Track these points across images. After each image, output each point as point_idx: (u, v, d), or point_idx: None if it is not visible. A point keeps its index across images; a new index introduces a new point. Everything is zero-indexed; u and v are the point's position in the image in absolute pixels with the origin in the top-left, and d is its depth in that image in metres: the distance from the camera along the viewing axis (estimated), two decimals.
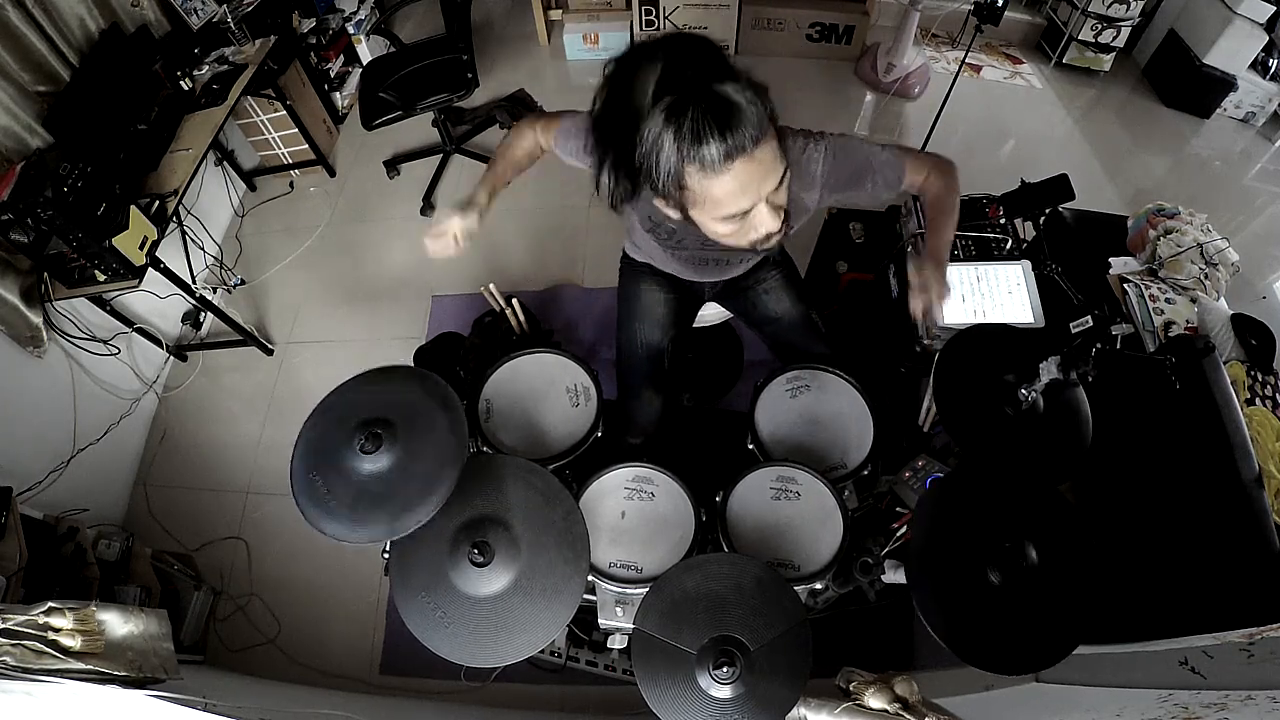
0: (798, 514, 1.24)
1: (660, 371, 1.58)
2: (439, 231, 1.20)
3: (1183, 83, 3.22)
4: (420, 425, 1.02)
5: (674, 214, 1.01)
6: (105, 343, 2.20)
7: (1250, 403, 1.68)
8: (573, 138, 1.19)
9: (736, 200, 0.92)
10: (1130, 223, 2.17)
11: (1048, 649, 0.96)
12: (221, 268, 2.69)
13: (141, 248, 1.94)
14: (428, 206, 2.91)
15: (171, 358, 2.53)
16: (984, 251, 1.85)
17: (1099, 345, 1.65)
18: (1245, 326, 1.79)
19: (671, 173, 0.90)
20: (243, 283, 2.71)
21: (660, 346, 1.56)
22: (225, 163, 2.85)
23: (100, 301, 2.17)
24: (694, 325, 1.71)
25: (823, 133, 1.16)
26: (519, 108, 3.16)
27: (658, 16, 3.36)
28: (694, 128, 0.85)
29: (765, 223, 0.97)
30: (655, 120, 0.87)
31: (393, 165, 3.06)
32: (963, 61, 2.52)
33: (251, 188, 3.04)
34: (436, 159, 3.00)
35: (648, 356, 1.56)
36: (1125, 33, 3.22)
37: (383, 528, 0.98)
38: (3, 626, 0.92)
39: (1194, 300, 1.87)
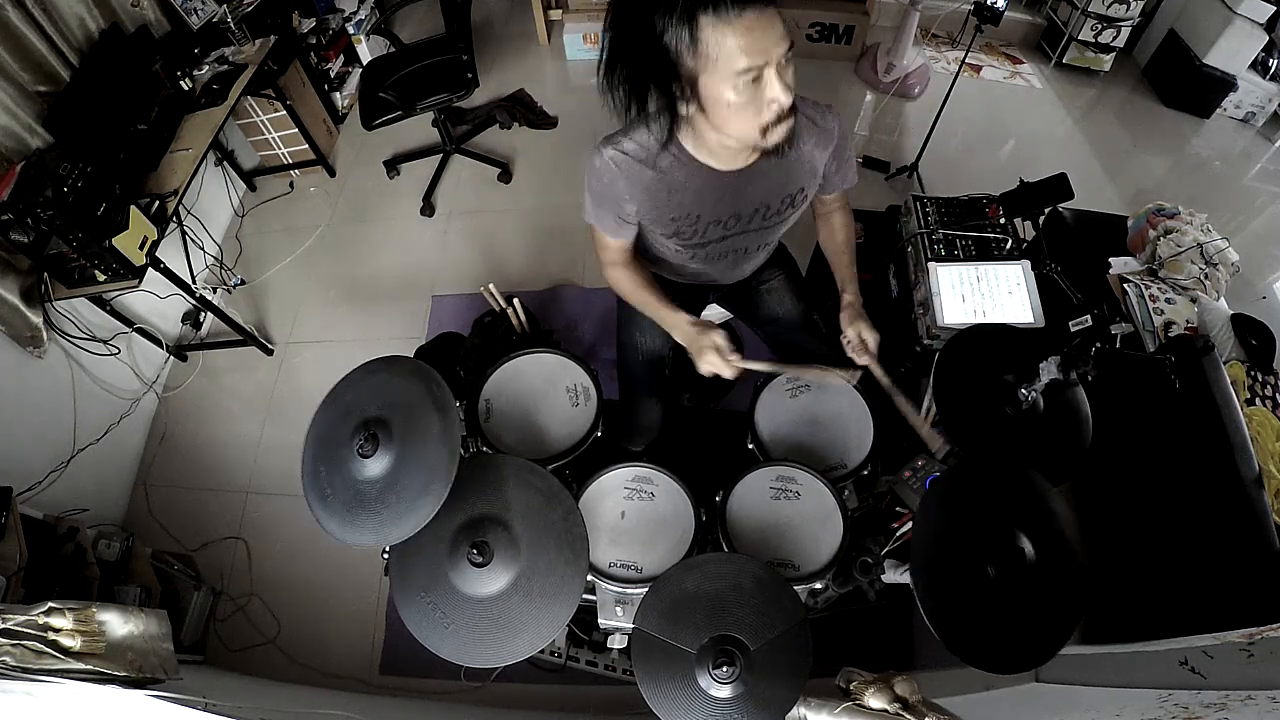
0: (798, 514, 1.24)
1: (661, 379, 1.58)
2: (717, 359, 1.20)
3: (1183, 83, 3.22)
4: (415, 431, 1.02)
5: (685, 106, 1.02)
6: (105, 343, 2.20)
7: (1250, 403, 1.68)
8: (607, 225, 1.25)
9: (750, 54, 0.92)
10: (1130, 223, 2.17)
11: (1045, 644, 0.96)
12: (221, 268, 2.69)
13: (141, 248, 1.94)
14: (427, 206, 2.91)
15: (171, 358, 2.53)
16: (984, 251, 1.85)
17: (1099, 345, 1.66)
18: (1245, 326, 1.79)
19: (685, 30, 0.92)
20: (243, 283, 2.71)
21: (661, 354, 1.55)
22: (225, 163, 2.85)
23: (100, 301, 2.17)
24: None
25: (825, 105, 1.22)
26: (519, 108, 3.16)
27: None
28: None
29: (777, 93, 0.96)
30: None
31: (393, 165, 3.06)
32: (963, 61, 2.52)
33: (251, 188, 3.04)
34: (436, 159, 3.00)
35: (649, 364, 1.55)
36: (1125, 33, 3.22)
37: (371, 534, 0.98)
38: (3, 626, 0.92)
39: (1194, 300, 1.87)
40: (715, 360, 1.17)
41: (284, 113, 2.74)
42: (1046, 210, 2.05)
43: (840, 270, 1.40)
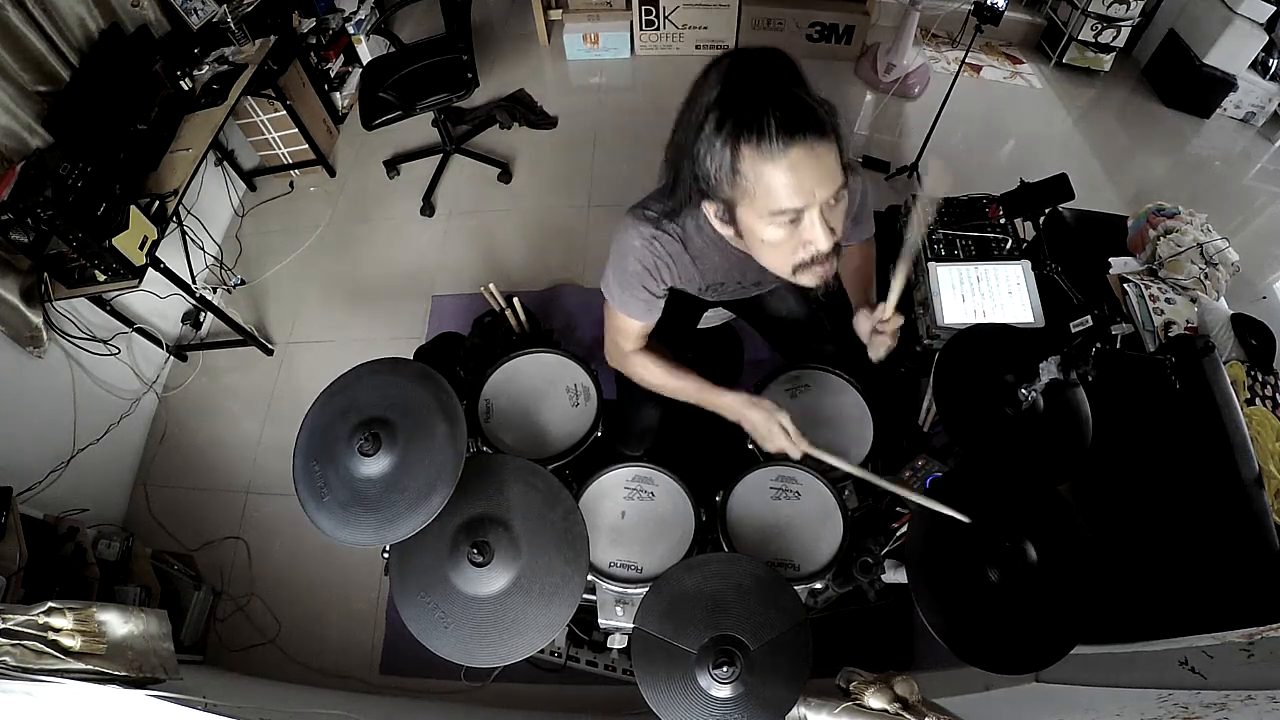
0: (798, 514, 1.24)
1: None
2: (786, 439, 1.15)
3: (1183, 83, 3.22)
4: (420, 433, 1.02)
5: (721, 224, 0.97)
6: (105, 343, 2.20)
7: (1250, 403, 1.68)
8: (641, 309, 1.17)
9: (790, 194, 0.86)
10: (1130, 223, 2.17)
11: (1047, 648, 0.96)
12: (221, 268, 2.69)
13: (141, 248, 1.94)
14: (427, 206, 2.91)
15: (171, 358, 2.53)
16: (984, 251, 1.85)
17: (1099, 345, 1.66)
18: (1245, 326, 1.79)
19: (727, 155, 0.86)
20: (243, 283, 2.71)
21: None
22: (225, 163, 2.85)
23: (100, 301, 2.17)
24: (696, 326, 1.70)
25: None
26: (519, 108, 3.16)
27: (658, 16, 3.36)
28: (755, 110, 0.83)
29: (817, 236, 0.90)
30: (716, 108, 0.86)
31: (393, 165, 3.06)
32: (963, 61, 2.52)
33: (251, 188, 3.04)
34: (436, 159, 3.00)
35: None
36: (1125, 33, 3.22)
37: (370, 533, 0.98)
38: (3, 626, 0.92)
39: (1194, 300, 1.87)
40: (783, 442, 1.12)
41: (284, 113, 2.74)
42: (1047, 210, 2.05)
43: (856, 295, 1.35)
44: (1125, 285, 1.93)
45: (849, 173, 0.96)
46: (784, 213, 0.88)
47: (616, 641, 1.32)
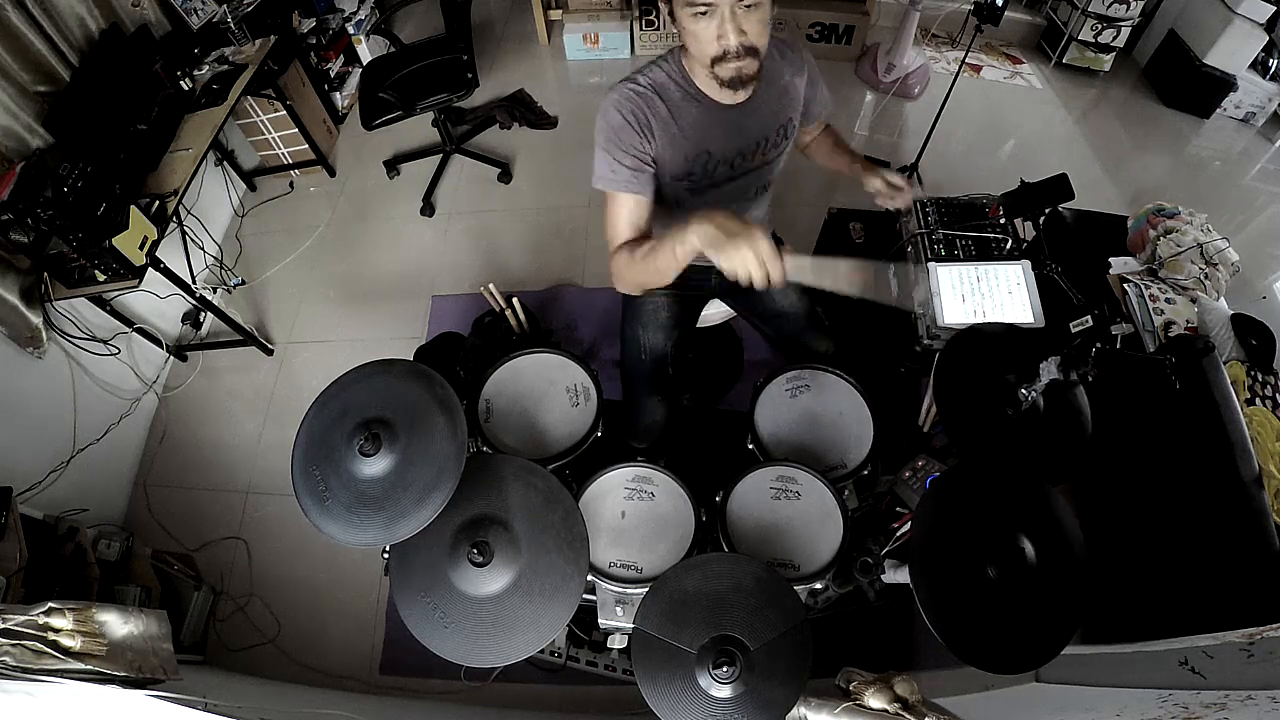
0: (798, 514, 1.24)
1: (664, 377, 1.58)
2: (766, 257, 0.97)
3: (1183, 83, 3.22)
4: (420, 429, 1.02)
5: (663, 15, 1.12)
6: (105, 343, 2.20)
7: (1250, 403, 1.68)
8: (626, 177, 1.16)
9: None
10: (1130, 223, 2.17)
11: (1046, 645, 0.96)
12: (221, 268, 2.69)
13: (141, 248, 1.94)
14: (427, 206, 2.91)
15: (171, 358, 2.53)
16: (984, 251, 1.85)
17: (1099, 345, 1.66)
18: (1245, 326, 1.79)
19: None
20: (243, 283, 2.71)
21: (664, 352, 1.55)
22: (225, 163, 2.85)
23: (100, 301, 2.17)
24: (696, 325, 1.71)
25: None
26: (519, 108, 3.16)
27: (658, 16, 3.36)
28: None
29: (726, 33, 1.03)
30: None
31: (393, 165, 3.06)
32: (963, 61, 2.52)
33: (251, 188, 3.04)
34: (436, 159, 3.00)
35: (652, 362, 1.56)
36: (1125, 33, 3.22)
37: (376, 533, 0.97)
38: (3, 626, 0.92)
39: (1194, 300, 1.87)
40: (752, 258, 0.92)
41: (284, 113, 2.74)
42: (1047, 210, 2.05)
43: (841, 163, 1.52)
44: (1125, 285, 1.93)
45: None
46: (695, 4, 1.01)
47: (616, 641, 1.32)
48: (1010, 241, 1.86)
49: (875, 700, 0.95)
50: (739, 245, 0.93)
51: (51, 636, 0.94)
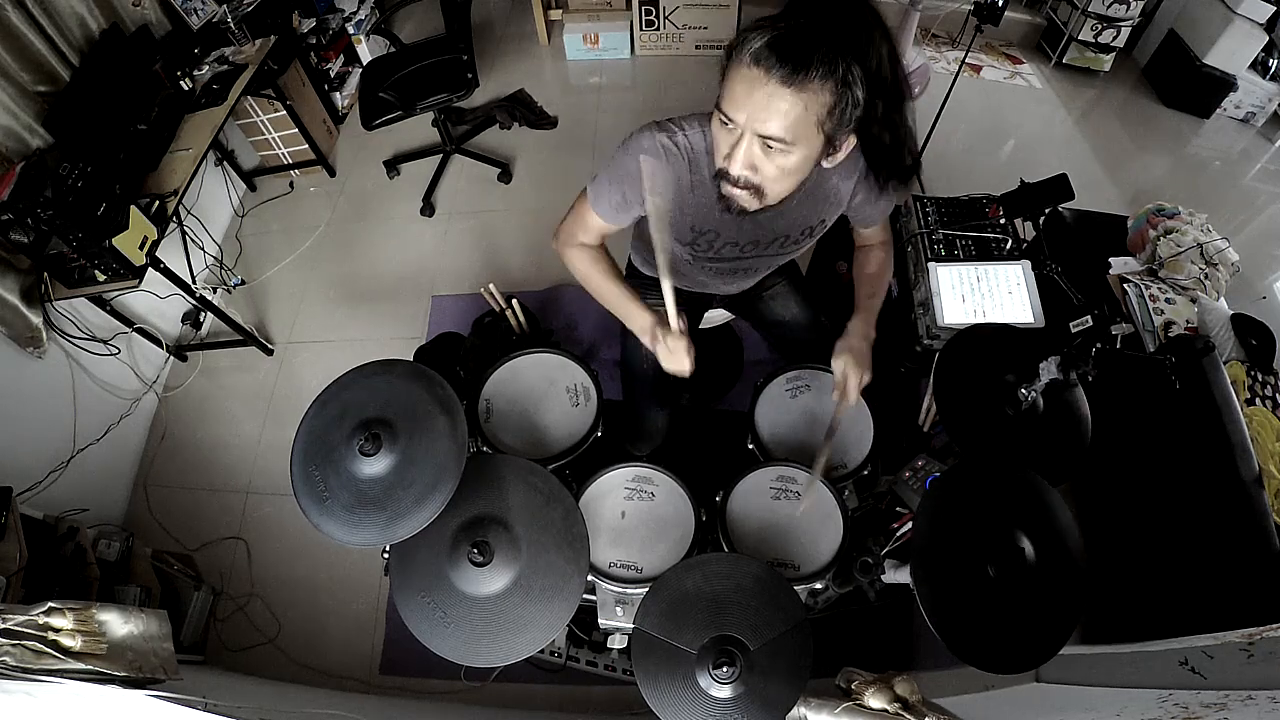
0: (798, 514, 1.24)
1: (666, 385, 1.57)
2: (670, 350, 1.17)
3: (1183, 83, 3.22)
4: (420, 429, 1.02)
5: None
6: (105, 343, 2.20)
7: (1250, 403, 1.68)
8: (609, 201, 1.17)
9: (730, 100, 0.93)
10: (1130, 223, 2.17)
11: (1045, 645, 0.96)
12: (221, 268, 2.69)
13: (141, 248, 1.94)
14: (427, 207, 2.91)
15: (171, 358, 2.53)
16: (984, 251, 1.85)
17: (1099, 345, 1.66)
18: (1245, 326, 1.79)
19: (732, 46, 0.93)
20: (243, 283, 2.71)
21: None
22: (225, 163, 2.85)
23: (100, 301, 2.17)
24: (699, 328, 1.71)
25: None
26: (519, 108, 3.16)
27: (658, 16, 3.36)
28: (770, 22, 0.89)
29: (735, 158, 0.97)
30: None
31: (393, 165, 3.06)
32: (963, 61, 2.52)
33: (251, 188, 3.04)
34: (436, 159, 3.00)
35: (654, 370, 1.55)
36: (1125, 33, 3.22)
37: (376, 533, 0.97)
38: (3, 626, 0.92)
39: (1194, 300, 1.87)
40: (674, 363, 1.16)
41: (284, 113, 2.74)
42: (1047, 210, 2.05)
43: (858, 300, 1.35)
44: (1125, 285, 1.93)
45: (831, 149, 0.99)
46: (724, 114, 0.95)
47: (616, 641, 1.32)
48: (1010, 241, 1.86)
49: (875, 700, 0.95)
50: (663, 355, 1.17)
51: (51, 636, 0.94)
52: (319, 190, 3.07)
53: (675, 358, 1.16)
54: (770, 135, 0.93)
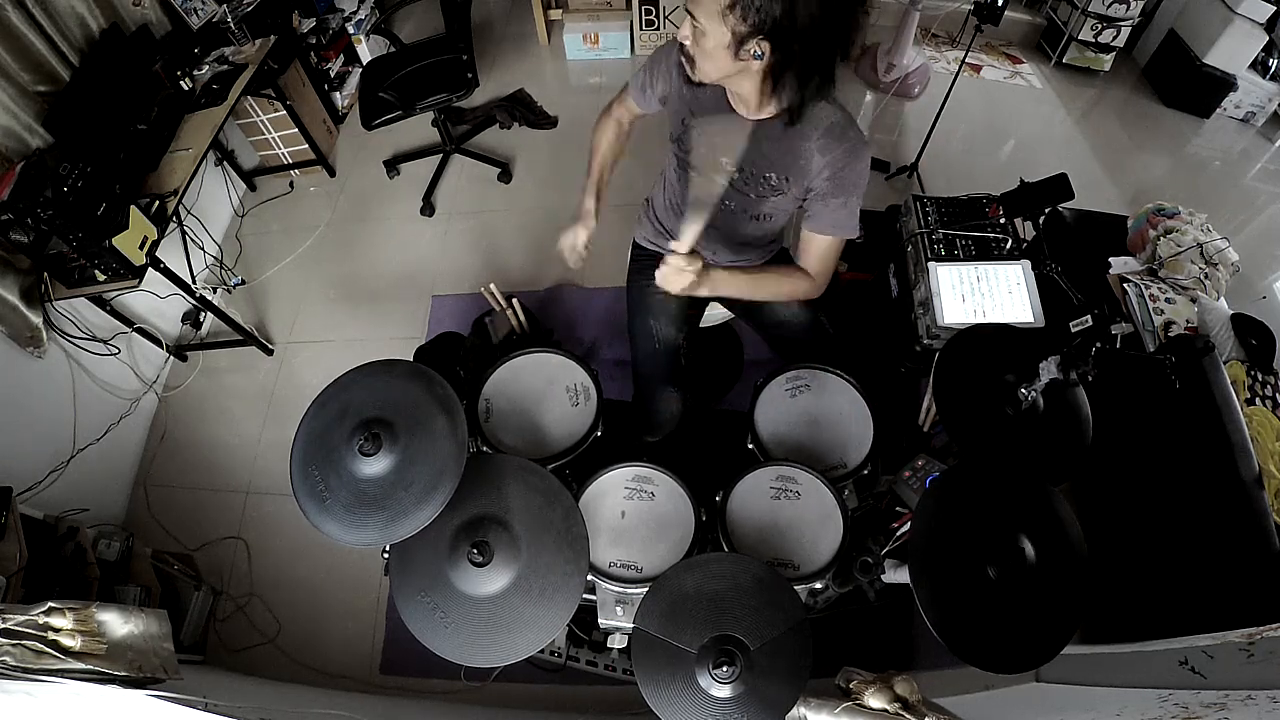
0: (798, 514, 1.24)
1: (679, 367, 1.57)
2: (569, 248, 1.40)
3: (1183, 83, 3.22)
4: (420, 429, 1.02)
5: None
6: (105, 343, 2.20)
7: (1250, 403, 1.68)
8: (637, 83, 1.37)
9: None
10: (1130, 223, 2.17)
11: (1046, 645, 0.96)
12: (221, 268, 2.69)
13: (141, 248, 1.94)
14: (427, 206, 2.91)
15: (171, 358, 2.53)
16: (984, 251, 1.85)
17: (1099, 345, 1.66)
18: (1245, 326, 1.79)
19: None
20: (243, 283, 2.71)
21: (676, 342, 1.55)
22: (225, 163, 2.85)
23: (100, 301, 2.17)
24: (700, 323, 1.71)
25: (864, 137, 1.22)
26: (519, 108, 3.16)
27: (658, 16, 3.36)
28: None
29: (684, 29, 1.10)
30: None
31: (393, 165, 3.06)
32: (963, 61, 2.52)
33: (251, 188, 3.04)
34: (436, 159, 3.00)
35: (665, 352, 1.55)
36: (1125, 33, 3.22)
37: (377, 533, 0.97)
38: (3, 626, 0.92)
39: (1194, 300, 1.87)
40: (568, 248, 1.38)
41: (284, 113, 2.74)
42: (1046, 210, 2.05)
43: (751, 268, 1.45)
44: (1125, 285, 1.93)
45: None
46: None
47: (616, 641, 1.32)
48: (1010, 241, 1.86)
49: (875, 700, 0.95)
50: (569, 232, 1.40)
51: (51, 636, 0.94)
52: (319, 190, 3.07)
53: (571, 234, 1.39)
54: (692, 14, 1.07)
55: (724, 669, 0.93)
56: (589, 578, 1.16)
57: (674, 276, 1.18)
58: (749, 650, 0.96)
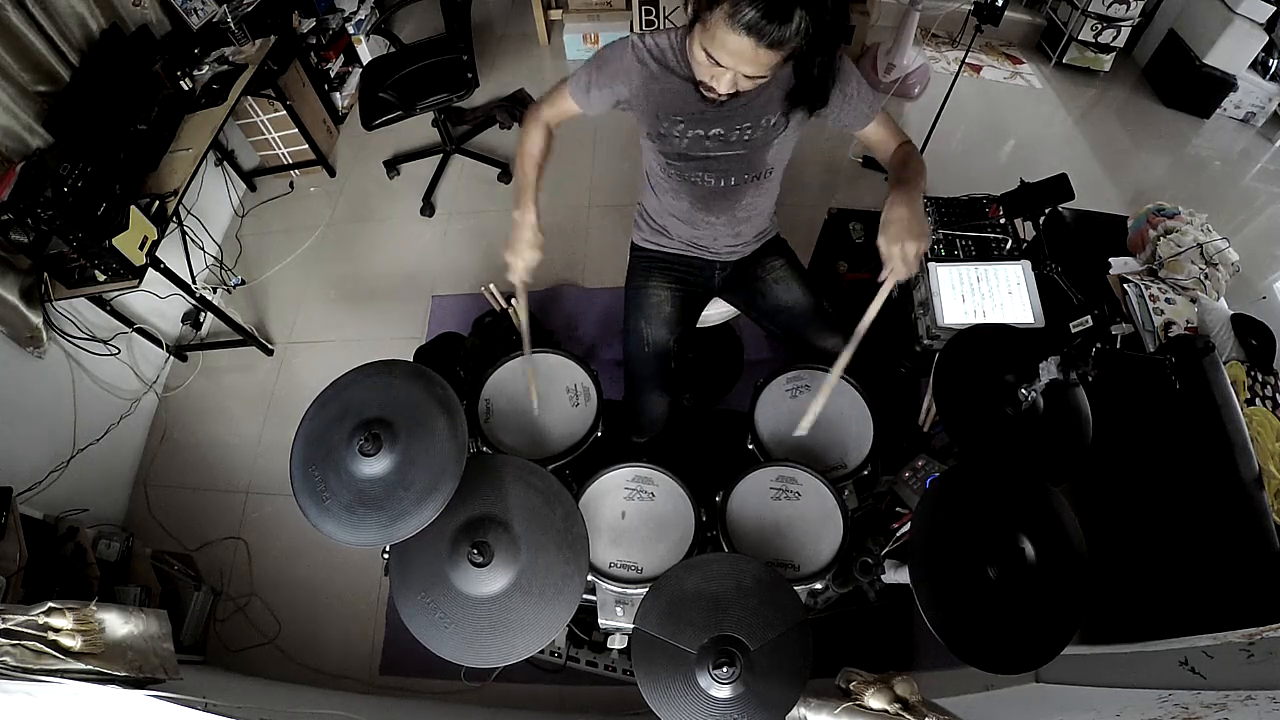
0: (798, 514, 1.24)
1: (667, 371, 1.57)
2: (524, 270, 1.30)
3: (1183, 83, 3.22)
4: (420, 429, 1.02)
5: (686, 18, 1.12)
6: (105, 343, 2.20)
7: (1250, 403, 1.68)
8: (579, 83, 1.30)
9: (726, 56, 1.04)
10: (1130, 223, 2.17)
11: (1046, 645, 0.96)
12: (221, 268, 2.69)
13: (141, 248, 1.94)
14: (428, 207, 2.91)
15: (171, 358, 2.53)
16: (984, 251, 1.85)
17: (1099, 345, 1.66)
18: (1245, 326, 1.79)
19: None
20: (243, 283, 2.71)
21: (666, 346, 1.55)
22: (225, 163, 2.85)
23: (100, 301, 2.17)
24: (697, 325, 1.70)
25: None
26: (519, 108, 3.16)
27: (658, 16, 3.36)
28: None
29: (719, 85, 1.11)
30: None
31: (393, 165, 3.06)
32: (963, 61, 2.52)
33: (251, 188, 3.04)
34: (436, 159, 3.00)
35: (654, 355, 1.55)
36: (1125, 33, 3.22)
37: (377, 533, 0.97)
38: (3, 626, 0.92)
39: (1194, 300, 1.87)
40: (520, 261, 1.28)
41: (284, 113, 2.74)
42: (1047, 210, 2.05)
43: (891, 180, 1.29)
44: (1125, 285, 1.93)
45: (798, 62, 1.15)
46: (713, 59, 1.07)
47: (616, 641, 1.32)
48: (1010, 241, 1.86)
49: (875, 700, 0.95)
50: (512, 240, 1.30)
51: (51, 636, 0.94)
52: (319, 190, 3.07)
53: (517, 243, 1.29)
54: (753, 76, 1.08)
55: (724, 669, 0.93)
56: (589, 578, 1.16)
57: (910, 264, 1.19)
58: (749, 651, 0.96)
